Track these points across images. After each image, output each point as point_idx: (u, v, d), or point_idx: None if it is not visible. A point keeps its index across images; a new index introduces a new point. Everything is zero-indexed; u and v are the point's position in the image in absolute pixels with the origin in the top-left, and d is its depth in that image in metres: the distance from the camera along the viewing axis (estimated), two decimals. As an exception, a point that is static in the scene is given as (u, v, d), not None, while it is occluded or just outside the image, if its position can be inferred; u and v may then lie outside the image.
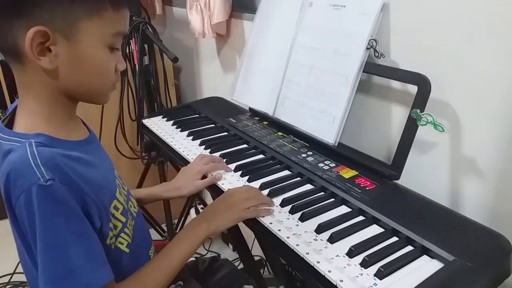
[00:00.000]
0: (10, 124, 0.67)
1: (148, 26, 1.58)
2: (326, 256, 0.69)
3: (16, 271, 1.81)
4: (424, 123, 0.83)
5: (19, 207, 0.58)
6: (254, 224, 0.81)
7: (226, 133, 1.21)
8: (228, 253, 1.96)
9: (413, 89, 0.89)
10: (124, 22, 0.66)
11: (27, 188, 0.57)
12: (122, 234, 0.73)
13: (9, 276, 1.82)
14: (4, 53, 0.62)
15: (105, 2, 0.62)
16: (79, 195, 0.60)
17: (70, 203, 0.59)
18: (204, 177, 0.98)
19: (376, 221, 0.78)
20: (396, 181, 0.89)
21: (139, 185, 1.80)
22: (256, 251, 1.64)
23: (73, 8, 0.59)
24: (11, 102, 1.74)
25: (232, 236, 1.51)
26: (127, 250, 0.74)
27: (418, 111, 0.83)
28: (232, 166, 1.00)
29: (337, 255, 0.69)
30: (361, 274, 0.65)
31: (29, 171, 0.57)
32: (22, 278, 1.81)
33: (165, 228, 1.84)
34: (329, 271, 0.65)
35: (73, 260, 0.59)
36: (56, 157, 0.60)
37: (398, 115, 0.99)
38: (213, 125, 1.26)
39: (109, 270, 0.64)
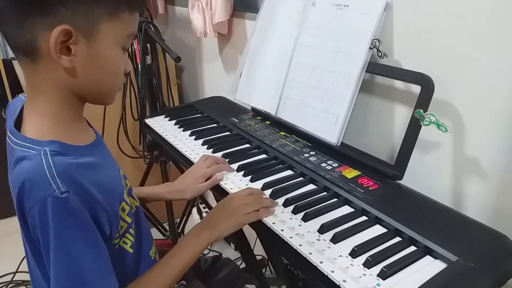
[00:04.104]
0: (17, 124, 0.67)
1: (151, 26, 1.58)
2: (329, 256, 0.69)
3: (19, 270, 1.82)
4: (427, 123, 0.83)
5: (31, 217, 0.58)
6: (257, 224, 0.81)
7: (228, 133, 1.21)
8: (230, 252, 1.97)
9: (416, 89, 0.89)
10: (136, 23, 0.68)
11: (41, 199, 0.57)
12: (126, 234, 0.73)
13: (12, 275, 1.83)
14: (17, 51, 0.62)
15: (124, 4, 0.63)
16: (90, 204, 0.60)
17: (83, 214, 0.59)
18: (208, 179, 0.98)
19: (379, 221, 0.78)
20: (399, 181, 0.89)
21: (141, 185, 1.80)
22: (258, 250, 1.64)
23: (96, 8, 0.60)
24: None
25: (234, 235, 1.50)
26: (131, 250, 0.75)
27: (421, 111, 0.83)
28: (235, 166, 1.00)
29: (340, 255, 0.69)
30: (364, 275, 0.65)
31: (45, 182, 0.57)
32: (24, 277, 1.81)
33: (167, 227, 1.85)
34: (332, 271, 0.65)
35: (85, 270, 0.60)
36: (70, 168, 0.60)
37: (401, 115, 0.99)
38: (215, 125, 1.26)
39: (115, 278, 0.64)
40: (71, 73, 0.62)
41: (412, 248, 0.71)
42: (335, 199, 0.85)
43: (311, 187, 0.91)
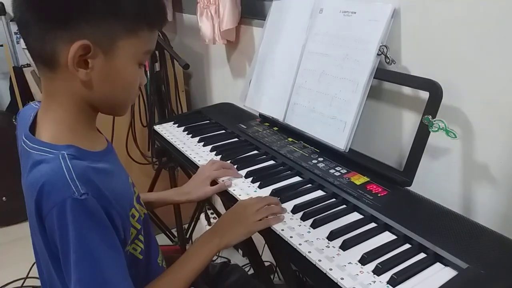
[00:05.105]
0: (31, 130, 0.68)
1: (159, 33, 1.60)
2: (339, 263, 0.69)
3: (29, 275, 1.83)
4: (436, 129, 0.83)
5: (50, 219, 0.58)
6: (266, 231, 0.81)
7: (236, 139, 1.21)
8: (238, 258, 1.96)
9: (424, 95, 0.89)
10: (155, 40, 0.70)
11: (61, 201, 0.57)
12: (136, 241, 0.74)
13: (22, 281, 1.84)
14: (37, 59, 0.64)
15: (143, 22, 0.65)
16: (107, 207, 0.61)
17: (101, 216, 0.60)
18: (214, 182, 0.98)
19: (388, 228, 0.77)
20: (408, 188, 0.88)
21: (150, 191, 1.81)
22: (266, 256, 1.64)
23: (116, 25, 0.62)
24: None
25: (242, 241, 1.51)
26: (140, 256, 0.76)
27: (430, 117, 0.83)
28: (243, 172, 1.00)
29: (350, 262, 0.69)
30: (374, 282, 0.65)
31: (64, 184, 0.58)
32: (34, 282, 1.83)
33: (175, 233, 1.85)
34: (342, 279, 0.65)
35: (105, 271, 0.61)
36: (88, 170, 0.61)
37: (410, 121, 0.99)
38: (223, 131, 1.27)
39: (130, 281, 0.65)
40: (86, 85, 0.64)
41: (422, 255, 0.71)
42: (344, 206, 0.85)
43: (319, 193, 0.91)
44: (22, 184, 0.67)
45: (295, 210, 0.84)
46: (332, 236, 0.75)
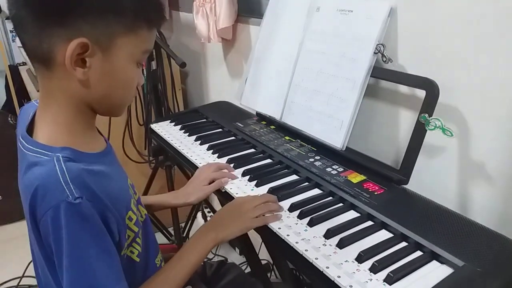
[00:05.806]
0: (29, 130, 0.68)
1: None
2: (335, 262, 0.69)
3: (25, 274, 1.82)
4: (433, 127, 0.83)
5: (44, 222, 0.58)
6: (263, 229, 0.81)
7: (233, 138, 1.21)
8: (235, 256, 1.96)
9: (421, 93, 0.89)
10: (153, 40, 0.69)
11: (55, 205, 0.57)
12: (133, 244, 0.73)
13: (18, 280, 1.83)
14: (33, 58, 0.63)
15: (142, 21, 0.64)
16: (101, 210, 0.61)
17: (95, 219, 0.60)
18: (211, 182, 0.98)
19: (385, 226, 0.78)
20: (404, 186, 0.89)
21: (147, 189, 1.81)
22: (263, 255, 1.64)
23: (114, 24, 0.61)
24: (19, 107, 1.76)
25: (239, 240, 1.51)
26: (137, 259, 0.75)
27: (427, 115, 0.83)
28: (240, 170, 1.00)
29: (346, 261, 0.69)
30: (371, 280, 0.65)
31: (58, 188, 0.58)
32: (30, 281, 1.82)
33: (172, 232, 1.85)
34: (339, 277, 0.65)
35: (97, 275, 0.60)
36: (83, 174, 0.60)
37: (406, 119, 0.99)
38: (220, 130, 1.27)
39: (126, 283, 0.65)
40: (84, 84, 0.63)
41: (419, 253, 0.71)
42: (341, 204, 0.85)
43: (316, 192, 0.91)
44: (19, 185, 0.66)
45: (292, 208, 0.84)
46: (328, 235, 0.75)
